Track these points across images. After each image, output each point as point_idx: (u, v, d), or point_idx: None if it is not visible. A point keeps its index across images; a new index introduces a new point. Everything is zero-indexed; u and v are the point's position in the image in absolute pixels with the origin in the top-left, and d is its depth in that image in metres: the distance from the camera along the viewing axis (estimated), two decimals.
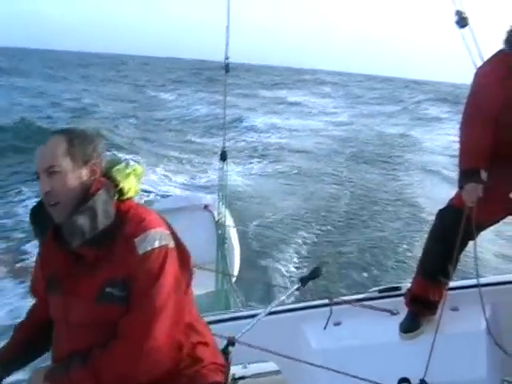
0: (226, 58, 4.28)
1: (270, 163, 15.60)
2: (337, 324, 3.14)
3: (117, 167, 1.86)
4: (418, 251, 5.37)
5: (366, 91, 42.62)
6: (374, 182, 13.46)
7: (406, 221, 10.17)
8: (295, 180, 13.44)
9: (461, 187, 2.90)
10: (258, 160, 16.05)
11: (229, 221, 4.86)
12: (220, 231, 4.77)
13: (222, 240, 4.73)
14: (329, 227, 9.69)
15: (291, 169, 14.69)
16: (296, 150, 17.70)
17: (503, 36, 2.97)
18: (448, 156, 15.85)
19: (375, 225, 10.02)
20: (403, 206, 11.22)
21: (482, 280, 3.14)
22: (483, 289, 2.95)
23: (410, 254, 8.14)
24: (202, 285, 3.46)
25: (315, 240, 9.01)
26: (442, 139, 20.20)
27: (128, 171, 1.87)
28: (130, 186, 1.85)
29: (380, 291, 3.34)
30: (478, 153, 2.89)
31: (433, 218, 3.10)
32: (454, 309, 3.03)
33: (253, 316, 2.53)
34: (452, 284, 3.03)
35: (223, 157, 4.59)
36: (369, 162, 16.11)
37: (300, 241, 8.90)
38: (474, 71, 3.05)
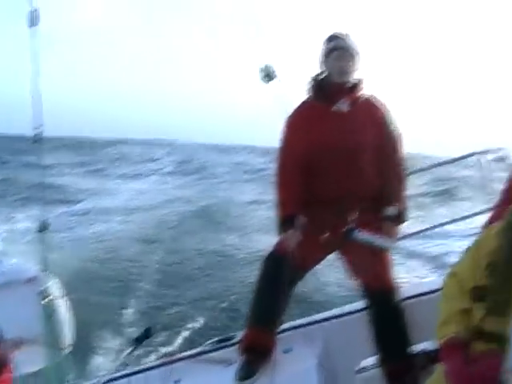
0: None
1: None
2: (177, 382, 3.14)
3: None
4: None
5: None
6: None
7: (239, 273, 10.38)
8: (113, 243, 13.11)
9: (280, 234, 3.12)
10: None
11: (56, 291, 4.64)
12: (46, 304, 4.53)
13: (49, 313, 4.49)
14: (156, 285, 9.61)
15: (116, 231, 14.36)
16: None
17: (307, 86, 3.24)
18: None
19: (202, 278, 10.14)
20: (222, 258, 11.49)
21: (314, 317, 3.36)
22: (315, 325, 3.15)
23: (240, 303, 8.30)
24: (32, 362, 3.26)
25: (147, 299, 8.88)
26: None
27: None
28: None
29: (215, 343, 3.41)
30: (290, 201, 3.12)
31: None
32: (288, 350, 3.15)
33: None
34: (284, 326, 3.18)
35: (42, 228, 4.39)
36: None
37: (133, 301, 8.72)
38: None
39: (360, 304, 3.19)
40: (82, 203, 19.54)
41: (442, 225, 4.50)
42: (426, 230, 4.39)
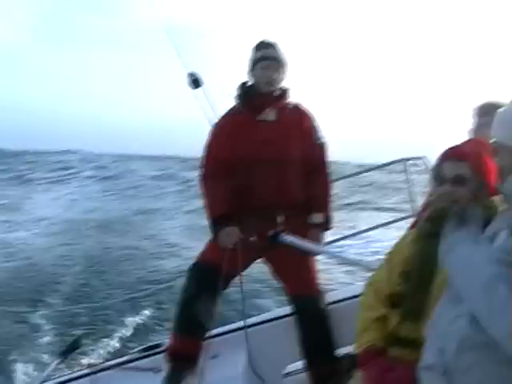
0: None
1: None
2: None
3: None
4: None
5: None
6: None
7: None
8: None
9: (215, 236, 3.09)
10: None
11: None
12: None
13: None
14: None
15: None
16: None
17: (235, 93, 3.25)
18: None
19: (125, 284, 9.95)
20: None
21: (241, 323, 3.37)
22: (243, 331, 3.16)
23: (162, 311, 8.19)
24: None
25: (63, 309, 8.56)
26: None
27: None
28: None
29: (142, 350, 3.36)
30: (218, 202, 3.13)
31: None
32: (215, 356, 3.14)
33: None
34: (211, 332, 3.16)
35: None
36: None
37: (50, 312, 8.41)
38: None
39: (287, 309, 3.23)
40: None
41: (366, 231, 4.62)
42: (351, 235, 4.50)
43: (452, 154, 2.00)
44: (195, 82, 3.50)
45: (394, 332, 2.02)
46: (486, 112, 2.70)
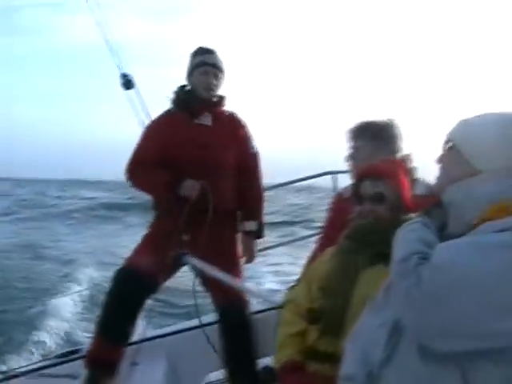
0: None
1: None
2: None
3: None
4: None
5: None
6: None
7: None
8: None
9: (177, 193, 3.03)
10: None
11: None
12: None
13: None
14: None
15: None
16: None
17: (171, 96, 3.25)
18: None
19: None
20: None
21: (162, 330, 3.33)
22: (164, 339, 3.12)
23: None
24: None
25: None
26: None
27: None
28: None
29: (59, 356, 3.26)
30: (161, 174, 3.10)
31: None
32: (134, 363, 3.09)
33: None
34: (132, 339, 3.10)
35: None
36: None
37: None
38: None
39: (209, 317, 3.21)
40: None
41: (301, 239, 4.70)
42: (286, 243, 4.56)
43: (370, 173, 2.06)
44: (127, 84, 3.48)
45: (312, 346, 2.03)
46: (358, 136, 2.61)
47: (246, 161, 3.28)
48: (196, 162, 3.10)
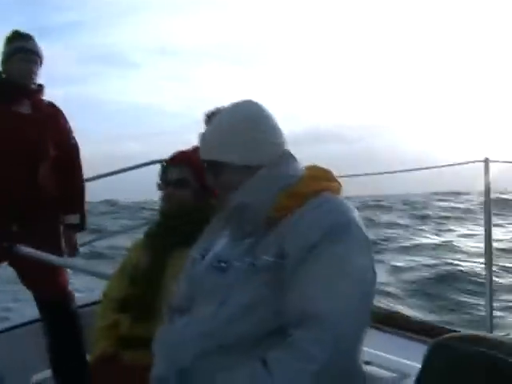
0: None
1: None
2: None
3: None
4: None
5: None
6: None
7: None
8: None
9: None
10: None
11: None
12: None
13: None
14: None
15: None
16: None
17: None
18: None
19: None
20: None
21: None
22: None
23: None
24: None
25: None
26: None
27: None
28: None
29: None
30: None
31: None
32: None
33: None
34: None
35: None
36: None
37: None
38: None
39: (35, 315, 3.07)
40: None
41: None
42: (107, 236, 4.50)
43: (175, 159, 2.13)
44: None
45: (125, 335, 2.02)
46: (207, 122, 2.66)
47: (66, 151, 3.17)
48: (14, 151, 2.94)
